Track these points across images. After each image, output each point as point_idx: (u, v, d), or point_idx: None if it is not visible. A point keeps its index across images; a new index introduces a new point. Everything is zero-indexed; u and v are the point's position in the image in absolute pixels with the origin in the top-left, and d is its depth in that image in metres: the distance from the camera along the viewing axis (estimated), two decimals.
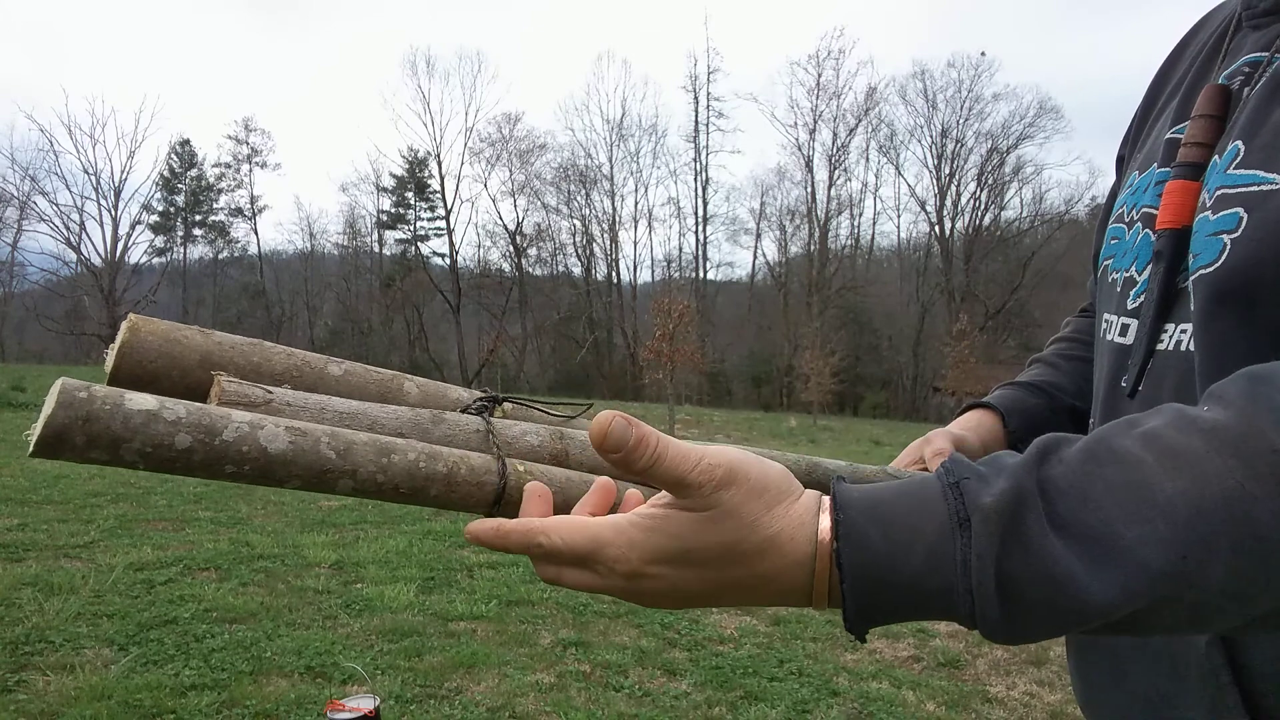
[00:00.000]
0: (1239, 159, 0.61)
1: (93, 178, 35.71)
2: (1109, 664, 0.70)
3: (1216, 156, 0.63)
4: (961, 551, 0.40)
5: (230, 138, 47.27)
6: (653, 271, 43.85)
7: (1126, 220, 0.72)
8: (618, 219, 42.68)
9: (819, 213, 40.84)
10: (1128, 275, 0.70)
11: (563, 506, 0.54)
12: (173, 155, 39.51)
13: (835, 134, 40.72)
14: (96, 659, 3.14)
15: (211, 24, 62.33)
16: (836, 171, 40.90)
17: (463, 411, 0.62)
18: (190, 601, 3.82)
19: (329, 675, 3.16)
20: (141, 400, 0.46)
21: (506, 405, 0.65)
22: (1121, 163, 0.84)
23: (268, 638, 3.47)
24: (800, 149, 41.01)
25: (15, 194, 33.12)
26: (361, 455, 0.52)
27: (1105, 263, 0.75)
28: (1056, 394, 0.89)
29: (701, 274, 42.95)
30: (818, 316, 35.67)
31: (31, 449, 0.44)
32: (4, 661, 3.05)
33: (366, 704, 1.65)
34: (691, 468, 0.43)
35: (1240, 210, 0.58)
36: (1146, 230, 0.68)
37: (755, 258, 44.33)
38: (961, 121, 39.42)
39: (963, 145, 39.71)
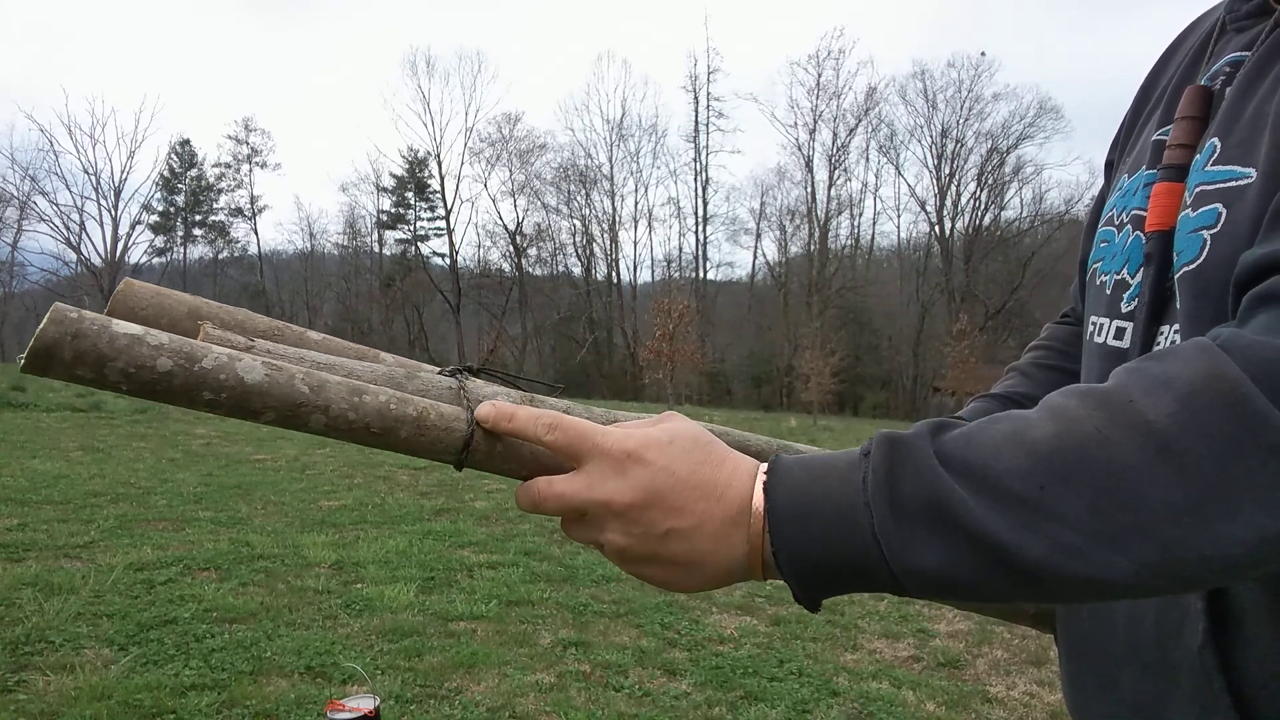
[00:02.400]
0: (1216, 155, 0.61)
1: (93, 178, 35.79)
2: (1098, 669, 0.69)
3: (1197, 155, 0.63)
4: (863, 472, 0.47)
5: (230, 138, 47.36)
6: (653, 271, 43.94)
7: (1116, 223, 0.72)
8: (618, 219, 42.70)
9: (819, 213, 40.88)
10: (1119, 278, 0.70)
11: (530, 461, 0.58)
12: (173, 155, 39.59)
13: (835, 134, 40.78)
14: (96, 659, 3.14)
15: (211, 24, 62.34)
16: (836, 171, 40.96)
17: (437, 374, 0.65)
18: (190, 601, 3.82)
19: (329, 675, 3.16)
20: (127, 326, 0.48)
21: (479, 379, 0.67)
22: (1110, 168, 0.84)
23: (268, 638, 3.47)
24: (800, 149, 41.06)
25: (15, 194, 33.16)
26: (334, 393, 0.54)
27: (1094, 266, 0.75)
28: (1028, 405, 0.90)
29: (701, 274, 43.01)
30: (818, 316, 35.68)
31: (22, 363, 0.47)
32: (4, 661, 3.05)
33: (366, 704, 1.65)
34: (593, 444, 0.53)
35: (1219, 206, 0.58)
36: (1138, 233, 0.68)
37: (755, 258, 44.40)
38: (961, 121, 39.47)
39: (963, 145, 39.76)
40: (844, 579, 0.48)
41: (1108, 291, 0.71)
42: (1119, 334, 0.69)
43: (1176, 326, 0.62)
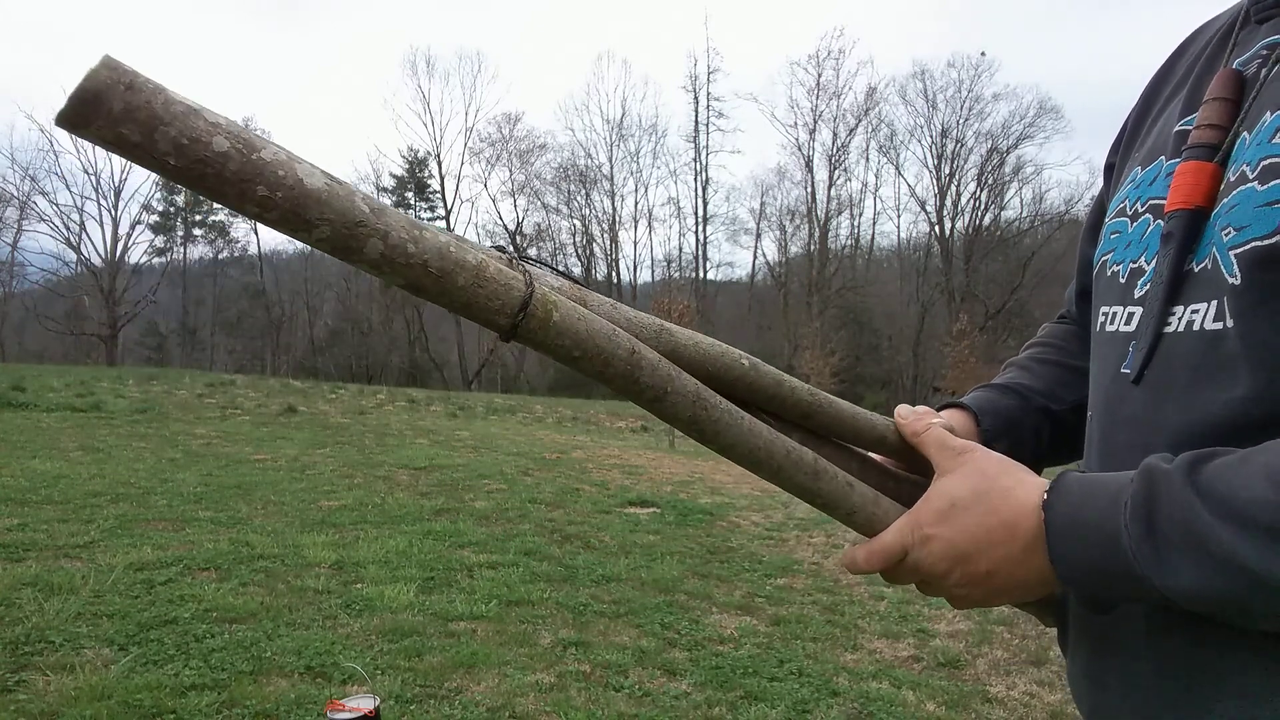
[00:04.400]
0: None
1: (93, 178, 35.74)
2: (1124, 667, 0.67)
3: (1246, 133, 0.61)
4: (1127, 495, 0.54)
5: None
6: (653, 271, 43.86)
7: (1130, 214, 0.71)
8: (618, 219, 42.69)
9: (819, 213, 40.85)
10: (1135, 266, 0.69)
11: (585, 337, 0.57)
12: None
13: (835, 134, 40.76)
14: (96, 659, 3.14)
15: (211, 23, 62.32)
16: (836, 171, 40.93)
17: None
18: (190, 601, 3.82)
19: (329, 675, 3.16)
20: (184, 96, 0.43)
21: (528, 263, 0.64)
22: (1111, 170, 0.83)
23: (268, 638, 3.46)
24: (800, 149, 41.04)
25: (15, 194, 33.12)
26: (395, 220, 0.50)
27: (1104, 258, 0.74)
28: (1029, 395, 0.89)
29: (701, 274, 42.97)
30: (818, 316, 35.66)
31: (62, 110, 0.40)
32: (4, 661, 3.05)
33: (366, 704, 1.65)
34: (944, 441, 0.68)
35: None
36: (1158, 221, 0.67)
37: (755, 258, 44.40)
38: (961, 121, 39.43)
39: (963, 145, 39.73)
40: (1117, 589, 0.55)
41: (1121, 280, 0.70)
42: (1129, 319, 0.68)
43: (1195, 307, 0.61)
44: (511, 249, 0.64)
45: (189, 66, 59.40)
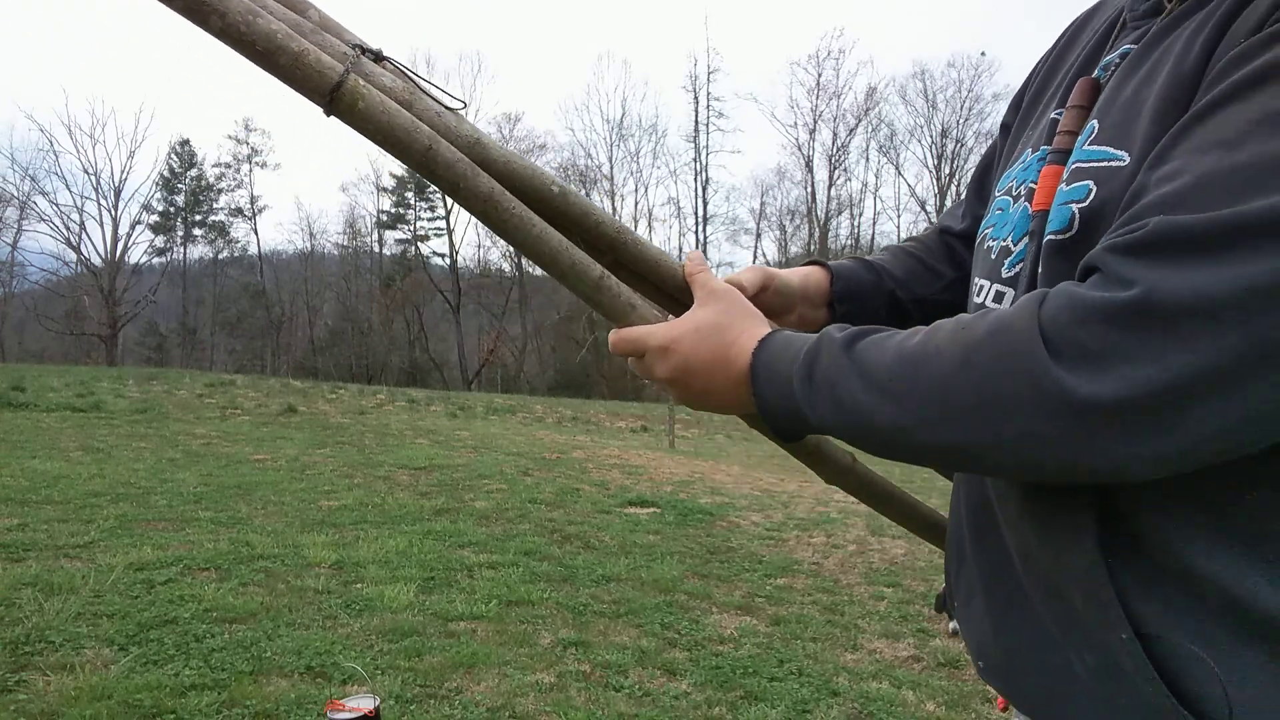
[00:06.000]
0: (1093, 135, 0.66)
1: (93, 178, 35.69)
2: (1011, 594, 0.72)
3: (1079, 136, 0.68)
4: (803, 351, 0.67)
5: (230, 138, 47.39)
6: None
7: (1014, 194, 0.76)
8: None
9: (819, 213, 40.83)
10: (1004, 244, 0.74)
11: (386, 128, 0.69)
12: (172, 155, 39.48)
13: (835, 134, 40.69)
14: (96, 659, 3.14)
15: None
16: (836, 171, 40.87)
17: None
18: (190, 601, 3.81)
19: (329, 675, 3.16)
20: None
21: (389, 64, 0.77)
22: (1006, 130, 0.90)
23: (268, 638, 3.46)
24: (800, 149, 40.98)
25: (15, 194, 33.10)
26: (236, 5, 0.62)
27: (986, 231, 0.80)
28: (884, 277, 1.00)
29: None
30: None
31: None
32: (4, 661, 3.05)
33: (366, 704, 1.65)
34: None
35: (1090, 183, 0.64)
36: (1026, 204, 0.72)
37: (755, 258, 44.29)
38: (961, 121, 39.37)
39: (963, 145, 39.64)
40: (793, 422, 0.68)
41: (992, 257, 0.76)
42: (998, 297, 0.74)
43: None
44: (376, 50, 0.77)
45: (189, 66, 59.44)
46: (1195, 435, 0.51)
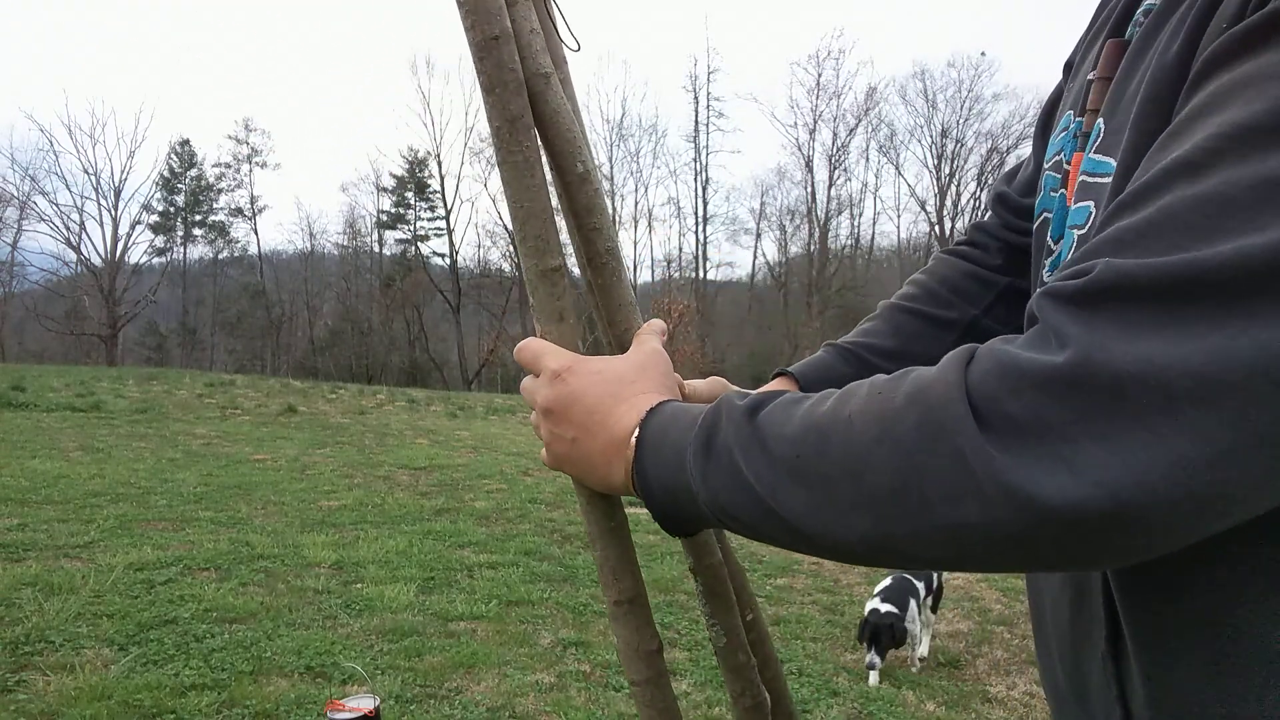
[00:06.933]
0: (1098, 141, 0.59)
1: (93, 178, 35.69)
2: (1043, 648, 0.70)
3: (1102, 121, 0.60)
4: (700, 420, 0.56)
5: (230, 138, 47.41)
6: (653, 271, 43.78)
7: (1059, 170, 0.69)
8: (618, 219, 42.68)
9: (819, 213, 40.83)
10: (1047, 242, 0.68)
11: None
12: (172, 155, 39.46)
13: (835, 134, 40.68)
14: (96, 659, 3.14)
15: (211, 24, 62.31)
16: (836, 171, 40.87)
17: None
18: (190, 601, 3.82)
19: (329, 675, 3.16)
20: None
21: None
22: (1070, 69, 0.78)
23: (268, 638, 3.46)
24: (800, 149, 40.97)
25: (15, 194, 33.09)
26: None
27: (1043, 214, 0.71)
28: (867, 362, 0.89)
29: (701, 274, 42.88)
30: (818, 316, 35.67)
31: None
32: (4, 661, 3.05)
33: (366, 704, 1.65)
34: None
35: (1090, 205, 0.58)
36: (1064, 192, 0.65)
37: (755, 258, 44.39)
38: (961, 121, 39.38)
39: (963, 145, 39.67)
40: (681, 504, 0.57)
41: (1042, 249, 0.69)
42: None
43: None
44: None
45: (189, 67, 59.45)
46: (1155, 528, 0.41)
